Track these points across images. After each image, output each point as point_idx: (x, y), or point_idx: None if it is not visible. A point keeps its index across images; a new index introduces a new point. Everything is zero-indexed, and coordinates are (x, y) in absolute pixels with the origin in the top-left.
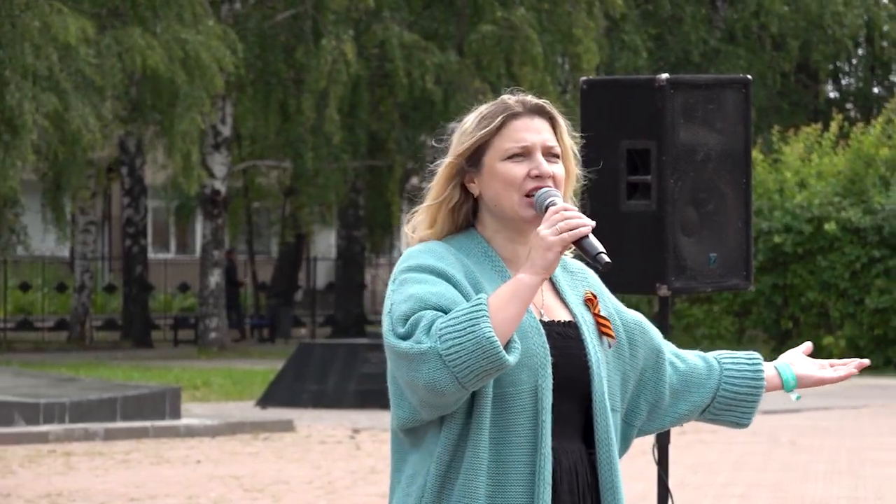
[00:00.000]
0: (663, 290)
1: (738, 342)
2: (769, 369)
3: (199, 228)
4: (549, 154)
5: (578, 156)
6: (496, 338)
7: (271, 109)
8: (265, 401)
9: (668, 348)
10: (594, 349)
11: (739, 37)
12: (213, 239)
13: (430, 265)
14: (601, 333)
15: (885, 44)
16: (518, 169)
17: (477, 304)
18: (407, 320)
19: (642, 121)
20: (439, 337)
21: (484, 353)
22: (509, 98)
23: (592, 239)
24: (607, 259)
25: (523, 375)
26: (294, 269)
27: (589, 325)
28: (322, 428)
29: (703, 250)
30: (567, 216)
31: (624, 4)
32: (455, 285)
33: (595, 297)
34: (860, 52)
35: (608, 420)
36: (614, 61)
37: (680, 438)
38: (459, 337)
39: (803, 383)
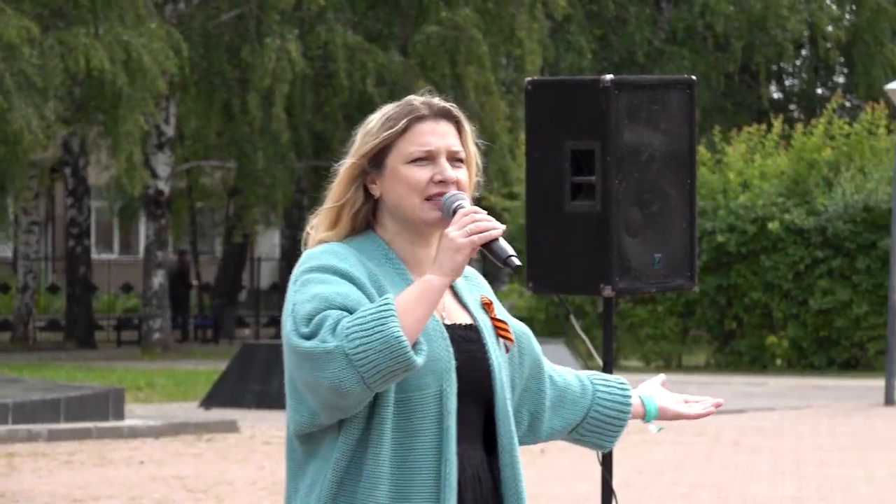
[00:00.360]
0: (607, 291)
1: (682, 342)
2: (634, 397)
3: (143, 229)
4: (454, 159)
5: (480, 164)
6: (405, 338)
7: (215, 109)
8: (209, 401)
9: (547, 362)
10: (495, 353)
11: (683, 37)
12: (157, 239)
13: (332, 266)
14: (499, 337)
15: (828, 45)
16: (422, 173)
17: (385, 304)
18: (311, 320)
19: (587, 121)
20: (346, 336)
21: (392, 353)
22: (416, 99)
23: (502, 242)
24: (518, 262)
25: (428, 379)
26: (238, 269)
27: (488, 329)
28: (266, 428)
29: (648, 251)
30: (477, 218)
31: (567, 6)
32: (359, 287)
33: (491, 302)
34: (804, 53)
35: (510, 425)
36: (559, 62)
37: (624, 439)
38: (367, 336)
39: (663, 415)
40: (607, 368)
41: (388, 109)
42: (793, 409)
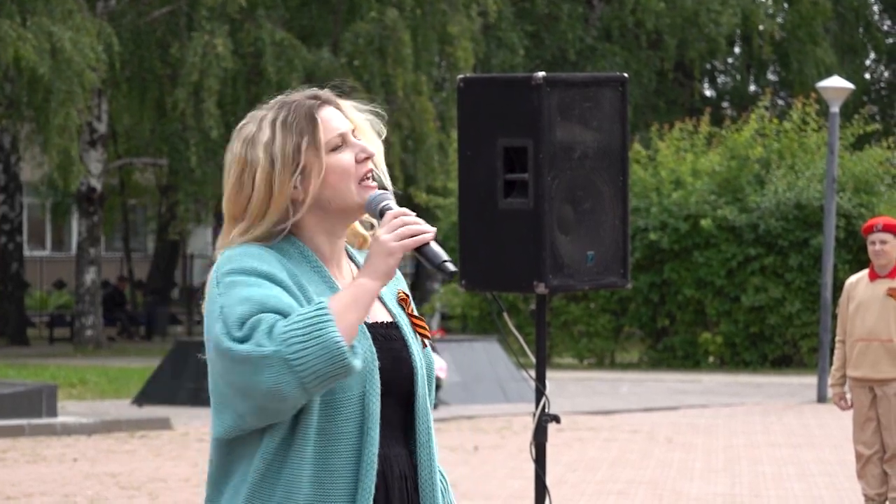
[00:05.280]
0: (541, 289)
1: (615, 339)
2: None
3: (75, 226)
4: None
5: (373, 127)
6: (344, 342)
7: (147, 106)
8: (142, 398)
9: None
10: (416, 350)
11: (616, 35)
12: (89, 236)
13: (254, 268)
14: (416, 333)
15: (761, 42)
16: (346, 157)
17: (321, 308)
18: (244, 323)
19: (519, 119)
20: (283, 340)
21: (332, 358)
22: (296, 95)
23: (435, 246)
24: (453, 267)
25: (352, 381)
26: (170, 266)
27: (407, 325)
28: (199, 426)
29: (581, 248)
30: (408, 221)
31: (498, 3)
32: (285, 289)
33: (408, 296)
34: (736, 50)
35: (429, 422)
36: (491, 59)
37: (558, 437)
38: (306, 341)
39: None
40: (541, 365)
41: (281, 116)
42: (726, 406)
